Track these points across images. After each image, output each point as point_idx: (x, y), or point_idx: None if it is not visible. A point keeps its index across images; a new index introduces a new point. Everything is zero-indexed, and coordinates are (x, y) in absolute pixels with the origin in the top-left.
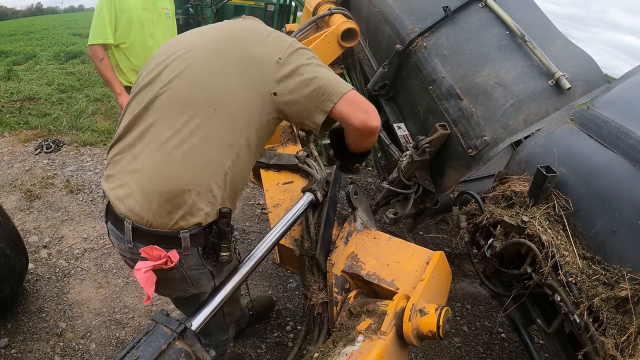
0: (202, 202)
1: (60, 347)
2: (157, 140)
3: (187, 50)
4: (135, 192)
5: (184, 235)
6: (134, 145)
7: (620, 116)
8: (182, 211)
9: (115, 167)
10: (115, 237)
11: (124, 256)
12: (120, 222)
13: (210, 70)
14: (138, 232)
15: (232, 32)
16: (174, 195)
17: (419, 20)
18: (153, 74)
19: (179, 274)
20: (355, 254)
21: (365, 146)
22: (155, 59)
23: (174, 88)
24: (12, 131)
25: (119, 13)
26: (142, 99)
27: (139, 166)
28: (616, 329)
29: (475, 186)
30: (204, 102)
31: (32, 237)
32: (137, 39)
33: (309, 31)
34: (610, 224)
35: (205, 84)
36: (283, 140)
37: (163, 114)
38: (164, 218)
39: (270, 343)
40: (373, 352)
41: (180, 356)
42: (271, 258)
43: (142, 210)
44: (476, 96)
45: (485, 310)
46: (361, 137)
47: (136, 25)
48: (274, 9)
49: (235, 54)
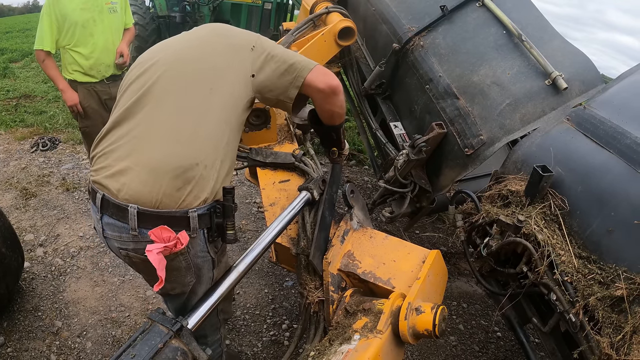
0: (209, 176)
1: (56, 345)
2: (159, 121)
3: (173, 47)
4: (141, 173)
5: (192, 215)
6: (131, 133)
7: (616, 116)
8: (191, 186)
9: (108, 158)
10: (114, 230)
11: (124, 249)
12: (122, 210)
13: (200, 57)
14: (144, 216)
15: (211, 29)
16: (183, 170)
17: (416, 19)
18: (141, 69)
19: (185, 262)
20: (351, 252)
21: (331, 109)
22: (140, 61)
23: (168, 76)
24: (8, 129)
25: (60, 18)
26: (132, 94)
27: (142, 149)
28: (611, 328)
29: (471, 185)
30: (200, 83)
31: (28, 235)
32: (80, 39)
33: (306, 30)
34: (606, 223)
35: (199, 68)
36: (279, 139)
37: (160, 99)
38: (174, 195)
39: (266, 342)
40: (369, 350)
41: (177, 355)
42: (267, 256)
43: (151, 190)
44: (473, 95)
45: (481, 309)
46: (326, 98)
47: (78, 28)
48: (271, 7)
49: (219, 43)
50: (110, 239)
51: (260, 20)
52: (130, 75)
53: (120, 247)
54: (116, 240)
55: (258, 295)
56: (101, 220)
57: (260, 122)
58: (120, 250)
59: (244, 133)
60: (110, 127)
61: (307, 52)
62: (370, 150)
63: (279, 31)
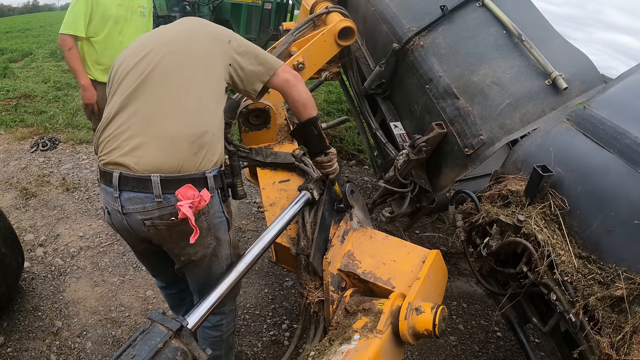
0: (217, 142)
1: (56, 345)
2: (166, 99)
3: (163, 37)
4: (159, 144)
5: (209, 175)
6: (138, 114)
7: (616, 116)
8: (205, 150)
9: (119, 139)
10: (136, 203)
11: (149, 219)
12: (144, 181)
13: (190, 46)
14: (167, 182)
15: (193, 21)
16: (197, 136)
17: (416, 19)
18: (136, 58)
19: (206, 222)
20: (351, 252)
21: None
22: (131, 51)
23: (165, 63)
24: (8, 129)
25: (94, 7)
26: (132, 80)
27: (155, 124)
28: (611, 328)
29: (471, 185)
30: (195, 67)
31: (28, 235)
32: (108, 34)
33: (306, 30)
34: (606, 223)
35: (192, 55)
36: (279, 139)
37: (162, 81)
38: (192, 159)
39: (266, 341)
40: (369, 350)
41: (177, 355)
42: (267, 256)
43: (172, 157)
44: (473, 95)
45: (481, 309)
46: (294, 86)
47: (110, 22)
48: (271, 7)
49: (202, 33)
50: (132, 214)
51: (260, 20)
52: (125, 63)
53: (145, 218)
54: (139, 212)
55: (258, 295)
56: (119, 198)
57: (260, 122)
58: (144, 221)
59: (244, 133)
60: (115, 112)
61: (307, 52)
62: (370, 150)
63: (279, 31)
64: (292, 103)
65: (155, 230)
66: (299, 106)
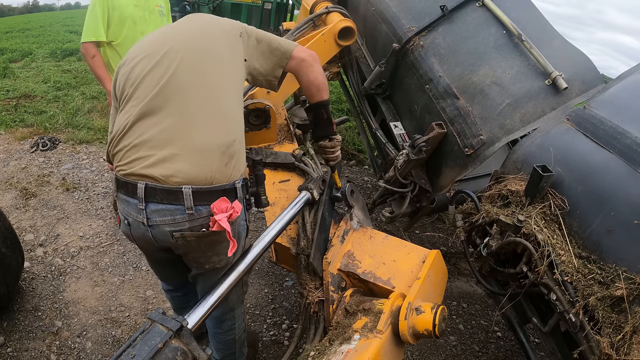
0: (242, 150)
1: (56, 345)
2: (191, 109)
3: (179, 37)
4: (191, 156)
5: (238, 186)
6: (162, 123)
7: (616, 116)
8: (234, 160)
9: (141, 149)
10: (165, 215)
11: (179, 230)
12: (174, 193)
13: (206, 46)
14: (198, 194)
15: (203, 18)
16: (227, 146)
17: (416, 19)
18: (152, 60)
19: (235, 232)
20: (351, 252)
21: (316, 77)
22: (142, 52)
23: (184, 67)
24: (8, 129)
25: (111, 10)
26: (151, 86)
27: (184, 135)
28: (611, 328)
29: (471, 185)
30: (214, 71)
31: (28, 235)
32: (128, 36)
33: (305, 29)
34: (606, 223)
35: (210, 57)
36: (279, 139)
37: (184, 88)
38: (224, 171)
39: (266, 341)
40: (369, 350)
41: (177, 355)
42: (267, 256)
43: (204, 169)
44: (473, 95)
45: (481, 309)
46: (310, 67)
47: (128, 23)
48: (271, 7)
49: (215, 31)
50: (160, 225)
51: (260, 20)
52: (140, 66)
53: (174, 230)
54: (168, 224)
55: (258, 295)
56: (145, 210)
57: (260, 122)
58: (173, 233)
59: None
60: (135, 120)
61: None
62: (370, 150)
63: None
64: (307, 84)
65: (184, 242)
66: (313, 88)
